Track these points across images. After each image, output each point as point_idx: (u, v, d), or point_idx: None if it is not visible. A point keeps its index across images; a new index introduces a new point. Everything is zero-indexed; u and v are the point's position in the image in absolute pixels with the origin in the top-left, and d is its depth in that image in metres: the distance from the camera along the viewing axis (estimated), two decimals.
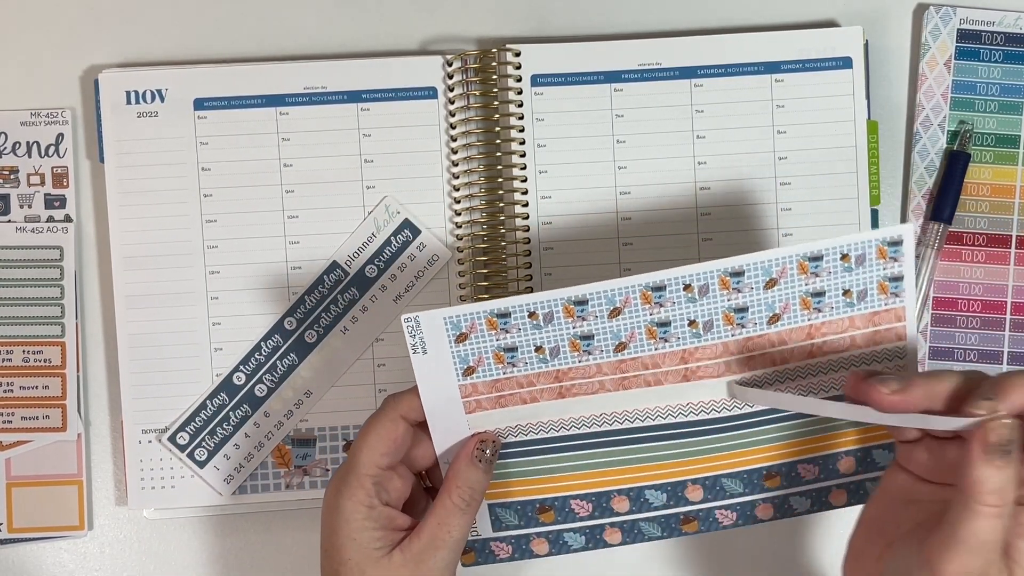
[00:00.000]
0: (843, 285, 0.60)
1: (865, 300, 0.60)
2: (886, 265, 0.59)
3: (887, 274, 0.60)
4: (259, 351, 0.73)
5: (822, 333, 0.61)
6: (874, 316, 0.60)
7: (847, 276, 0.60)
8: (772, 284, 0.60)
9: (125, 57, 0.74)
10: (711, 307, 0.60)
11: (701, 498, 0.64)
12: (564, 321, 0.59)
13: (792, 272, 0.59)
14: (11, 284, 0.73)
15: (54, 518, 0.73)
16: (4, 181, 0.73)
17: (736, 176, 0.73)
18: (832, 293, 0.60)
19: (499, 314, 0.59)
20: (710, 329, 0.60)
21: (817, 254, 0.59)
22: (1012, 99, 0.74)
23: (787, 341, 0.61)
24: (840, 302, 0.60)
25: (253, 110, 0.72)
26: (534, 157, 0.72)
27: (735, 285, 0.59)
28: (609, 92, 0.72)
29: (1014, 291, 0.74)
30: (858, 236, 0.59)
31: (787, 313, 0.60)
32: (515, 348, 0.60)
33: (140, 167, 0.72)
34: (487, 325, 0.59)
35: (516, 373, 0.61)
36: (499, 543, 0.65)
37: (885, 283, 0.60)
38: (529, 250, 0.72)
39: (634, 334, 0.60)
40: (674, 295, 0.59)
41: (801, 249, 0.59)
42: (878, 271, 0.59)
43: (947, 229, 0.74)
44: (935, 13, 0.74)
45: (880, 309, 0.60)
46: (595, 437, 0.63)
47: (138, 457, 0.72)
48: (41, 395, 0.73)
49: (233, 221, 0.72)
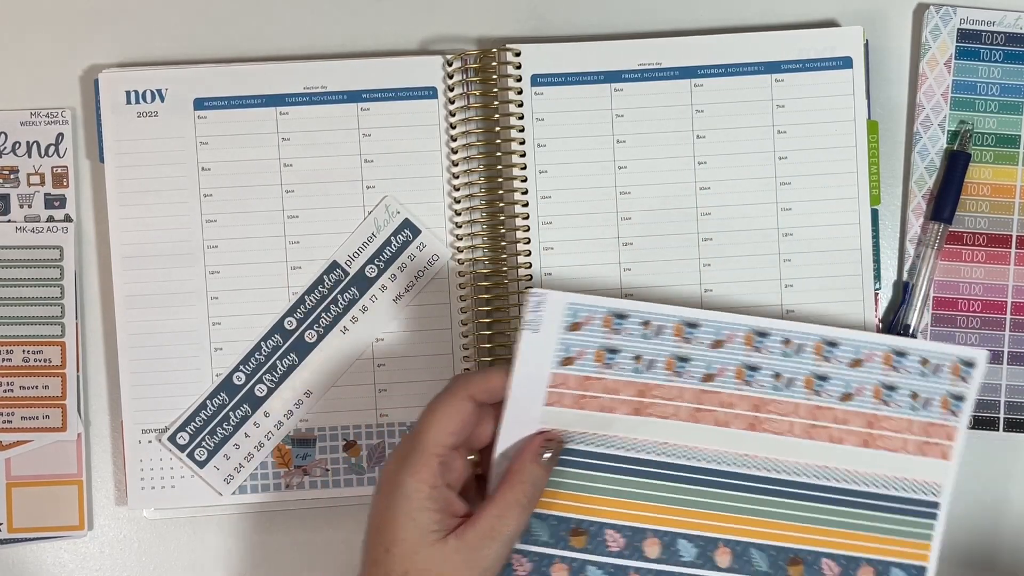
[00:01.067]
0: (914, 388, 0.64)
1: (928, 409, 0.64)
2: (955, 382, 0.64)
3: (953, 391, 0.64)
4: (259, 351, 0.73)
5: (881, 426, 0.64)
6: (929, 427, 0.64)
7: (921, 381, 0.64)
8: (857, 364, 0.64)
9: (125, 57, 0.74)
10: (799, 366, 0.63)
11: (727, 566, 0.64)
12: (671, 338, 0.62)
13: (877, 360, 0.63)
14: (11, 284, 0.73)
15: (54, 518, 0.73)
16: (4, 181, 0.73)
17: (736, 176, 0.73)
18: (903, 391, 0.64)
19: (618, 314, 0.62)
20: (790, 386, 0.63)
21: (903, 350, 0.63)
22: (1012, 99, 0.74)
23: (848, 422, 0.64)
24: (907, 403, 0.64)
25: (253, 110, 0.72)
26: (534, 157, 0.72)
27: (826, 354, 0.63)
28: (609, 92, 0.72)
29: (1014, 291, 0.74)
30: (942, 347, 0.64)
31: (859, 396, 0.64)
32: (617, 351, 0.62)
33: (140, 167, 0.72)
34: (602, 322, 0.62)
35: (607, 376, 0.62)
36: (521, 557, 0.63)
37: (948, 399, 0.64)
38: (529, 250, 0.72)
39: (724, 369, 0.63)
40: (773, 345, 0.63)
41: (892, 342, 0.63)
42: (947, 385, 0.64)
43: (947, 229, 0.74)
44: (935, 13, 0.74)
45: (936, 422, 0.64)
46: (650, 465, 0.63)
47: (138, 457, 0.72)
48: (41, 395, 0.73)
49: (233, 221, 0.72)
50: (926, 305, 0.74)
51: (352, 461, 0.73)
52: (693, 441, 0.63)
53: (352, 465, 0.73)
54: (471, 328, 0.72)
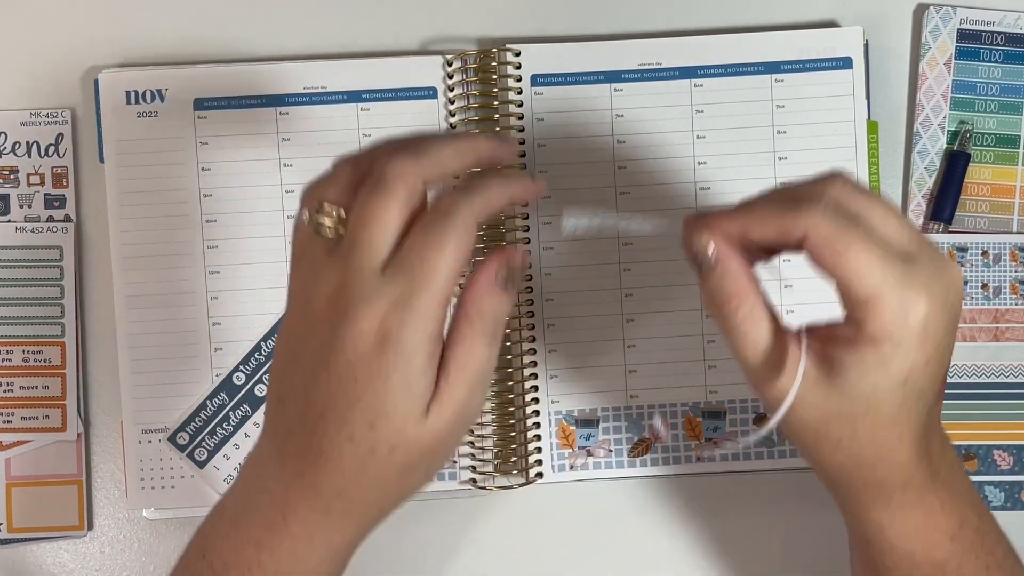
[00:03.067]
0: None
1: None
2: None
3: None
4: (259, 351, 0.73)
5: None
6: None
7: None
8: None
9: (125, 57, 0.74)
10: None
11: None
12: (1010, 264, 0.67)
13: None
14: (11, 284, 0.73)
15: (54, 518, 0.73)
16: (4, 181, 0.73)
17: (736, 176, 0.73)
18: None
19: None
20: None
21: None
22: (1012, 99, 0.74)
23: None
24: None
25: (253, 110, 0.72)
26: (534, 157, 0.72)
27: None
28: (609, 92, 0.72)
29: None
30: None
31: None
32: None
33: (140, 167, 0.72)
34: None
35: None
36: None
37: None
38: (529, 250, 0.72)
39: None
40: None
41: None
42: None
43: (947, 229, 0.74)
44: (935, 13, 0.74)
45: None
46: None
47: (138, 457, 0.72)
48: (41, 395, 0.73)
49: (233, 221, 0.72)
50: None
51: None
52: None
53: None
54: None
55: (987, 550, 0.57)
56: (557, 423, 0.72)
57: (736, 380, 0.72)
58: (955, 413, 0.73)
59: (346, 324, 0.47)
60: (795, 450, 0.72)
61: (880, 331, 0.49)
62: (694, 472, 0.73)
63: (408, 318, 0.47)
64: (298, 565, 0.51)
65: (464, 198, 0.49)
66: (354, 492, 0.50)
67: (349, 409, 0.48)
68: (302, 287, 0.50)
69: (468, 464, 0.72)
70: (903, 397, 0.50)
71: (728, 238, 0.51)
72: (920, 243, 0.50)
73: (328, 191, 0.50)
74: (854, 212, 0.50)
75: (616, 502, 0.74)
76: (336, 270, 0.48)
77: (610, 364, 0.72)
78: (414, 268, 0.47)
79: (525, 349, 0.72)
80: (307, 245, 0.50)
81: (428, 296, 0.47)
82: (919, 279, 0.49)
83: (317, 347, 0.48)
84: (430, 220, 0.48)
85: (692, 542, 0.74)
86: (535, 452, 0.72)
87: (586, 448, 0.72)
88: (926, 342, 0.49)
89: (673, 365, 0.73)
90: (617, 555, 0.74)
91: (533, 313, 0.72)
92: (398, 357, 0.47)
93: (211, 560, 0.52)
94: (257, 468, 0.52)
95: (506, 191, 0.51)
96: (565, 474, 0.72)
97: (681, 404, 0.73)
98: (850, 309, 0.50)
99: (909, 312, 0.48)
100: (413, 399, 0.48)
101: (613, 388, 0.73)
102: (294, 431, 0.50)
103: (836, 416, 0.50)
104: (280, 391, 0.51)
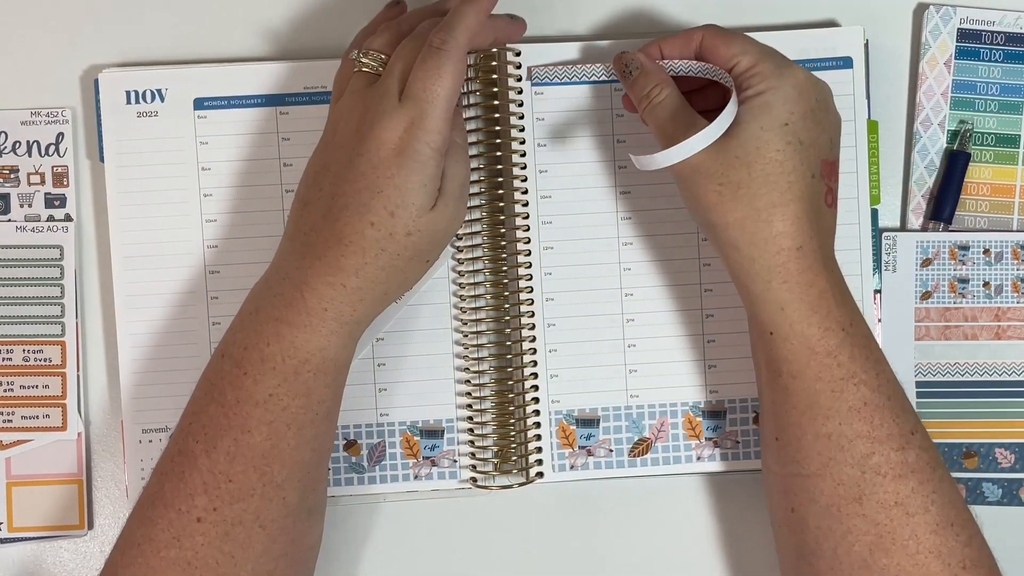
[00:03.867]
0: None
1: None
2: None
3: None
4: None
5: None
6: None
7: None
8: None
9: (125, 57, 0.74)
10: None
11: None
12: (1012, 263, 0.68)
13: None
14: (11, 283, 0.73)
15: (54, 518, 0.73)
16: (4, 180, 0.73)
17: None
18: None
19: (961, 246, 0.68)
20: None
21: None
22: (1012, 99, 0.74)
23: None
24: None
25: (253, 110, 0.72)
26: (534, 157, 0.72)
27: None
28: (609, 92, 0.72)
29: None
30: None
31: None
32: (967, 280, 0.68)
33: (140, 167, 0.72)
34: (949, 255, 0.68)
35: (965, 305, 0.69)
36: None
37: None
38: (529, 250, 0.72)
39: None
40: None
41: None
42: None
43: (947, 228, 0.74)
44: (935, 13, 0.74)
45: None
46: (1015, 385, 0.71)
47: (138, 457, 0.72)
48: (41, 394, 0.73)
49: (233, 221, 0.72)
50: None
51: (352, 460, 0.73)
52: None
53: (352, 464, 0.73)
54: (470, 328, 0.72)
55: (875, 358, 0.62)
56: (557, 423, 0.72)
57: (736, 380, 0.73)
58: (957, 411, 0.73)
59: (372, 134, 0.60)
60: None
61: (763, 85, 0.62)
62: (694, 472, 0.73)
63: (420, 133, 0.60)
64: (313, 335, 0.61)
65: (450, 34, 0.61)
66: (370, 270, 0.61)
67: (372, 199, 0.60)
68: (341, 110, 0.63)
69: (468, 464, 0.72)
70: (785, 140, 0.61)
71: (648, 56, 0.67)
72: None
73: (375, 41, 0.64)
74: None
75: (616, 502, 0.74)
76: (367, 95, 0.62)
77: (610, 364, 0.72)
78: (419, 96, 0.60)
79: (525, 349, 0.72)
80: (350, 78, 0.64)
81: (433, 116, 0.60)
82: (790, 64, 0.64)
83: (346, 155, 0.61)
84: (427, 55, 0.61)
85: (692, 542, 0.74)
86: (535, 452, 0.72)
87: (586, 448, 0.72)
88: (800, 99, 0.62)
89: (673, 365, 0.73)
90: (617, 555, 0.74)
91: (533, 313, 0.72)
92: (415, 163, 0.60)
93: (230, 352, 0.62)
94: (276, 267, 0.63)
95: (480, 18, 0.63)
96: (565, 474, 0.72)
97: (681, 404, 0.73)
98: (739, 83, 0.63)
99: (784, 73, 0.62)
100: (427, 194, 0.61)
101: (613, 388, 0.73)
102: (317, 225, 0.61)
103: (734, 163, 0.61)
104: (307, 196, 0.63)
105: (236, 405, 0.61)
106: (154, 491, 0.62)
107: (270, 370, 0.61)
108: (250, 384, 0.61)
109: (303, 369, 0.61)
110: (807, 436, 0.62)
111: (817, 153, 0.62)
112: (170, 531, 0.61)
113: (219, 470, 0.61)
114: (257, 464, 0.61)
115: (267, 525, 0.61)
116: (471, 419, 0.72)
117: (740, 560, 0.74)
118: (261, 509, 0.61)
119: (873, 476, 0.61)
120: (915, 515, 0.60)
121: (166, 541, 0.61)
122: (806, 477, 0.62)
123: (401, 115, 0.60)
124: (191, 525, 0.60)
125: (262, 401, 0.61)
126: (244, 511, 0.61)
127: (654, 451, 0.73)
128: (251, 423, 0.61)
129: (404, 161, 0.60)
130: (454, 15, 0.63)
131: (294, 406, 0.61)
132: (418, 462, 0.73)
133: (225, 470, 0.61)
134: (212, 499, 0.61)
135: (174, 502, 0.61)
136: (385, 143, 0.60)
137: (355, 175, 0.60)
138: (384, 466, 0.73)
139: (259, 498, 0.61)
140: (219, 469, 0.61)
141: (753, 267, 0.61)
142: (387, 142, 0.60)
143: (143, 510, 0.62)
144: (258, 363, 0.61)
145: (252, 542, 0.61)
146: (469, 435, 0.72)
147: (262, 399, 0.61)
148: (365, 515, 0.74)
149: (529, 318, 0.72)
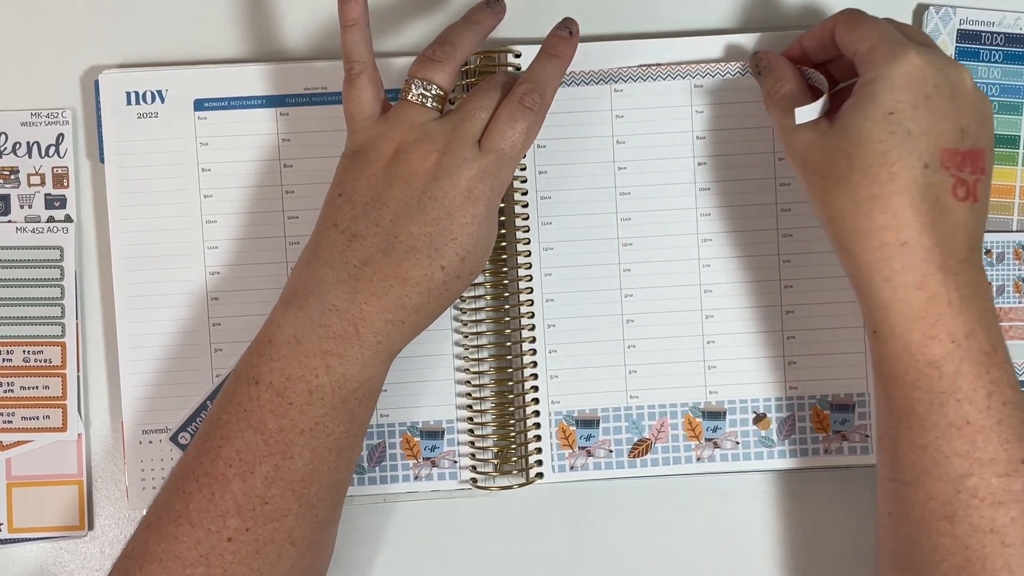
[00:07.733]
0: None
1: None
2: None
3: None
4: None
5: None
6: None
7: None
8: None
9: (125, 57, 0.74)
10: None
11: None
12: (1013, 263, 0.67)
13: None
14: (11, 284, 0.73)
15: (54, 518, 0.73)
16: (4, 181, 0.73)
17: (735, 177, 0.73)
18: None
19: None
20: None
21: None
22: (1012, 99, 0.74)
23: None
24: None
25: (253, 110, 0.73)
26: (534, 157, 0.72)
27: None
28: (609, 92, 0.72)
29: None
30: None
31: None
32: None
33: (140, 167, 0.72)
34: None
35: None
36: None
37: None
38: (529, 251, 0.72)
39: None
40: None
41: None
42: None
43: None
44: (935, 13, 0.74)
45: None
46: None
47: (138, 457, 0.72)
48: (41, 395, 0.73)
49: (233, 221, 0.72)
50: None
51: None
52: None
53: None
54: (470, 328, 0.72)
55: (992, 379, 0.59)
56: (557, 423, 0.72)
57: (736, 381, 0.73)
58: None
59: (450, 180, 0.61)
60: (795, 450, 0.72)
61: (872, 71, 0.60)
62: (694, 472, 0.73)
63: (496, 185, 0.62)
64: (363, 367, 0.61)
65: (543, 97, 0.64)
66: (431, 308, 0.62)
67: (445, 245, 0.61)
68: (394, 138, 0.63)
69: (468, 464, 0.73)
70: (889, 130, 0.58)
71: (788, 52, 0.68)
72: (934, 43, 0.63)
73: (435, 75, 0.64)
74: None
75: (616, 502, 0.74)
76: (442, 136, 0.62)
77: (610, 364, 0.72)
78: (505, 151, 0.62)
79: (525, 350, 0.72)
80: (411, 110, 0.64)
81: (511, 170, 0.63)
82: (919, 47, 0.60)
83: (413, 193, 0.61)
84: (519, 114, 0.63)
85: (692, 542, 0.74)
86: (535, 452, 0.72)
87: (586, 448, 0.72)
88: (911, 87, 0.59)
89: (673, 365, 0.73)
90: (617, 555, 0.74)
91: (533, 313, 0.72)
92: (488, 211, 0.62)
93: (269, 381, 0.61)
94: (315, 295, 0.61)
95: (563, 74, 0.67)
96: (565, 474, 0.73)
97: (681, 404, 0.73)
98: (859, 72, 0.61)
99: (897, 60, 0.59)
100: (492, 237, 0.63)
101: (613, 388, 0.73)
102: (374, 261, 0.61)
103: (836, 156, 0.60)
104: (356, 228, 0.62)
105: (279, 433, 0.60)
106: (178, 509, 0.60)
107: (318, 400, 0.60)
108: (295, 414, 0.60)
109: (351, 398, 0.61)
110: (903, 443, 0.60)
111: (934, 141, 0.59)
112: (197, 549, 0.59)
113: (255, 494, 0.60)
114: (296, 488, 0.60)
115: (298, 542, 0.61)
116: (471, 420, 0.72)
117: (740, 560, 0.74)
118: (294, 528, 0.61)
119: (969, 498, 0.58)
120: (1011, 546, 0.57)
121: (193, 559, 0.59)
122: (901, 483, 0.60)
123: (482, 166, 0.62)
124: (221, 544, 0.60)
125: (307, 429, 0.60)
126: (277, 530, 0.60)
127: (654, 452, 0.73)
128: (294, 450, 0.60)
129: (477, 210, 0.61)
130: (545, 74, 0.65)
131: (339, 432, 0.61)
132: (418, 463, 0.73)
133: (262, 494, 0.60)
134: (245, 520, 0.60)
135: (202, 522, 0.60)
136: (462, 191, 0.61)
137: (426, 219, 0.61)
138: (384, 467, 0.73)
139: (294, 517, 0.61)
140: (255, 493, 0.60)
141: (855, 263, 0.59)
142: (464, 190, 0.61)
143: (165, 526, 0.60)
144: (305, 394, 0.60)
145: (281, 559, 0.61)
146: (469, 436, 0.72)
147: (308, 427, 0.60)
148: (365, 516, 0.74)
149: (529, 319, 0.72)
